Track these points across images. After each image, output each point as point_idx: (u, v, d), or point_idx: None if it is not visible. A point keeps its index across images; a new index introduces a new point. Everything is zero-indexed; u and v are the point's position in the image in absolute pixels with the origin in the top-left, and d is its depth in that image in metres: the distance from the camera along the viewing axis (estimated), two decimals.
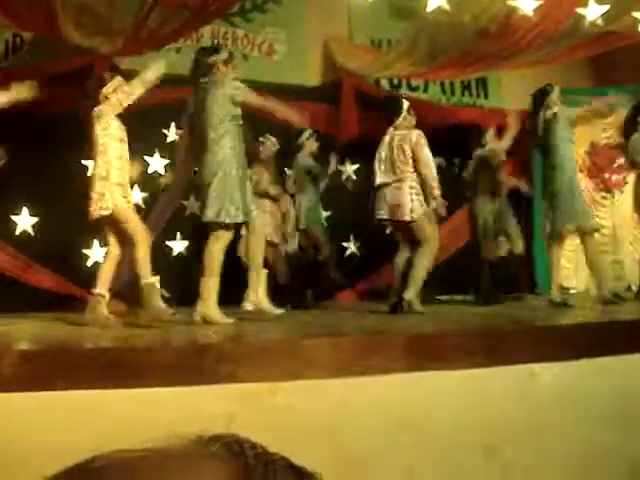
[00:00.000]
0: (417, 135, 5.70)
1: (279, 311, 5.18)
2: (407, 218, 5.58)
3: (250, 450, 0.68)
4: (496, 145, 7.51)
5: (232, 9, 8.27)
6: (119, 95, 4.97)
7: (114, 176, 4.94)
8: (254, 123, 7.52)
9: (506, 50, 7.52)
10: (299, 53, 9.01)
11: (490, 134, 7.71)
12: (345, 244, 8.82)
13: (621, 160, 9.42)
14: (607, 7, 6.92)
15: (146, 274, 4.78)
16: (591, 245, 6.22)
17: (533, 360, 3.80)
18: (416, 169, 5.66)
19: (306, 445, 3.00)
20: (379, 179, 5.75)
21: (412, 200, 5.58)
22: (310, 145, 7.59)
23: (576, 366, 3.92)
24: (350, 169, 8.65)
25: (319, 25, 9.06)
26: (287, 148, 7.66)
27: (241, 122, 5.01)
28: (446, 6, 6.38)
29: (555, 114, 6.28)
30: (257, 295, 5.18)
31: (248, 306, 5.19)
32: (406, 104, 5.94)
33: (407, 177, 5.63)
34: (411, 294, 5.49)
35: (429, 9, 6.46)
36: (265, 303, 5.28)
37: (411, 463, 3.43)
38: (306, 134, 7.63)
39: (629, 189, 9.60)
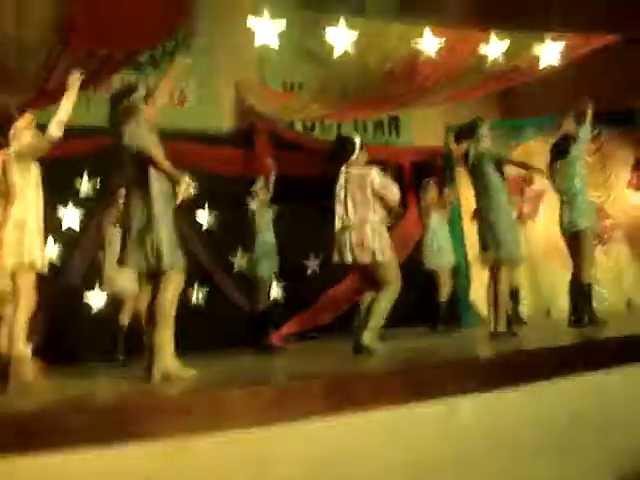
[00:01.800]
0: (377, 175, 5.58)
1: (192, 372, 4.50)
2: (368, 260, 5.43)
3: None
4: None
5: (141, 57, 8.24)
6: (37, 139, 4.80)
7: (33, 224, 4.67)
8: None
9: (413, 90, 7.71)
10: (211, 99, 9.03)
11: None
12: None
13: (531, 191, 9.73)
14: (507, 43, 7.17)
15: (21, 342, 4.50)
16: (503, 276, 6.26)
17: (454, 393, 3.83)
18: (376, 209, 5.54)
19: None
20: (339, 222, 5.58)
21: (375, 241, 5.46)
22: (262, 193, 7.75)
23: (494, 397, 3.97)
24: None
25: (230, 70, 9.12)
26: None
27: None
28: (352, 50, 6.50)
29: (484, 151, 6.29)
30: (166, 358, 4.45)
31: (156, 375, 4.39)
32: (358, 141, 5.78)
33: (369, 218, 5.50)
34: (369, 339, 5.33)
35: (336, 54, 6.57)
36: (176, 366, 4.50)
37: None
38: (259, 183, 7.75)
39: (542, 218, 9.93)
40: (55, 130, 4.70)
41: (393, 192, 5.63)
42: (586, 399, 4.26)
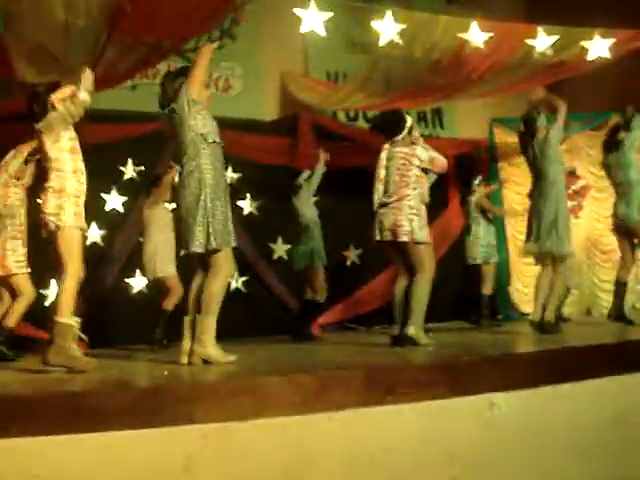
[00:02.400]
0: (423, 151, 5.51)
1: (233, 358, 4.49)
2: (405, 239, 5.33)
3: None
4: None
5: (187, 45, 8.29)
6: (69, 105, 4.65)
7: (71, 188, 4.61)
8: None
9: (459, 82, 7.65)
10: (255, 88, 9.06)
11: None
12: None
13: (576, 186, 9.60)
14: (555, 37, 7.08)
15: (67, 311, 4.36)
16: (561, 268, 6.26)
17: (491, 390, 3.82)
18: (417, 188, 5.45)
19: None
20: (378, 200, 5.50)
21: (411, 220, 5.35)
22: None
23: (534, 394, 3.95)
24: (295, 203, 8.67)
25: (275, 59, 9.15)
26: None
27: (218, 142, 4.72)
28: (398, 40, 6.47)
29: (546, 136, 6.35)
30: (208, 344, 4.44)
31: (195, 359, 4.43)
32: (410, 121, 5.67)
33: (407, 197, 5.41)
34: (413, 329, 5.22)
35: (382, 43, 6.54)
36: (218, 351, 4.48)
37: None
38: (304, 175, 7.74)
39: (585, 215, 9.80)
40: (84, 95, 4.69)
41: (440, 162, 5.57)
42: (627, 400, 4.21)
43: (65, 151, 4.67)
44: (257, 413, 3.24)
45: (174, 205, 6.01)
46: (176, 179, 5.59)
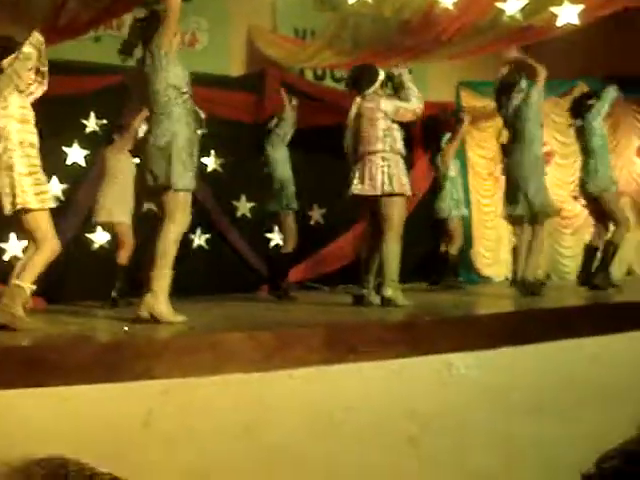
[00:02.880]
0: (387, 102, 5.45)
1: (181, 318, 4.28)
2: (376, 192, 5.29)
3: (75, 472, 0.66)
4: None
5: None
6: (15, 65, 4.37)
7: (20, 166, 4.29)
8: None
9: (428, 43, 7.59)
10: (222, 42, 8.91)
11: None
12: (269, 235, 8.80)
13: None
14: (525, 1, 7.05)
15: (29, 280, 4.26)
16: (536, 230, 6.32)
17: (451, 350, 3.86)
18: (389, 140, 5.39)
19: (222, 442, 3.00)
20: (351, 155, 5.48)
21: (383, 173, 5.31)
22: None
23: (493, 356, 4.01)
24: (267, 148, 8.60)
25: (242, 15, 8.99)
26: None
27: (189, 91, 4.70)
28: None
29: (526, 98, 6.41)
30: (157, 300, 4.28)
31: (143, 312, 4.28)
32: (382, 76, 5.61)
33: (378, 151, 5.36)
34: (390, 290, 5.15)
35: (351, 1, 6.46)
36: (167, 309, 4.32)
37: (334, 457, 3.44)
38: (274, 121, 7.68)
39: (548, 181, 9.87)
40: (29, 49, 4.48)
41: (404, 110, 5.48)
42: (588, 363, 4.29)
43: (13, 119, 4.35)
44: (217, 369, 3.24)
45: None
46: (142, 127, 5.49)
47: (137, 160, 5.81)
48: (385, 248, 5.27)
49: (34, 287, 4.37)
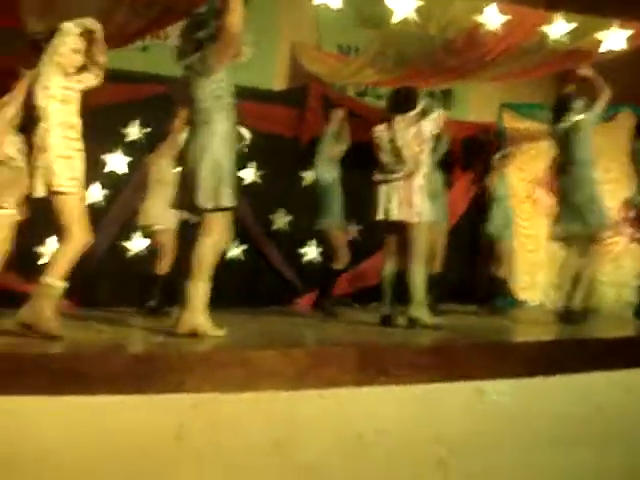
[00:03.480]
0: (429, 123, 5.45)
1: (221, 332, 4.25)
2: (414, 219, 5.26)
3: None
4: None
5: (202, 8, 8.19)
6: (54, 41, 4.29)
7: (58, 147, 4.19)
8: None
9: (472, 63, 7.56)
10: (266, 56, 8.95)
11: None
12: (305, 249, 8.80)
13: None
14: (572, 25, 7.01)
15: (56, 275, 4.07)
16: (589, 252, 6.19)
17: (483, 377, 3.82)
18: (423, 166, 5.38)
19: (252, 459, 3.00)
20: (385, 176, 5.43)
21: (421, 199, 5.30)
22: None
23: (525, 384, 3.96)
24: (312, 174, 8.62)
25: (287, 29, 9.05)
26: None
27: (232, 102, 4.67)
28: (414, 17, 6.40)
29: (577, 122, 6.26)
30: (195, 315, 4.22)
31: (182, 329, 4.20)
32: (423, 102, 5.59)
33: (416, 173, 5.35)
34: (417, 309, 5.16)
35: (396, 19, 6.47)
36: (206, 323, 4.26)
37: (363, 478, 3.43)
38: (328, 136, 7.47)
39: None
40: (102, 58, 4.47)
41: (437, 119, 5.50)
42: (620, 395, 4.22)
43: (54, 100, 4.25)
44: (249, 386, 3.24)
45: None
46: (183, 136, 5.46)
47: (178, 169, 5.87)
48: (412, 270, 5.25)
49: (65, 285, 4.14)
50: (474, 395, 3.81)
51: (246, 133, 4.67)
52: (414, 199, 5.29)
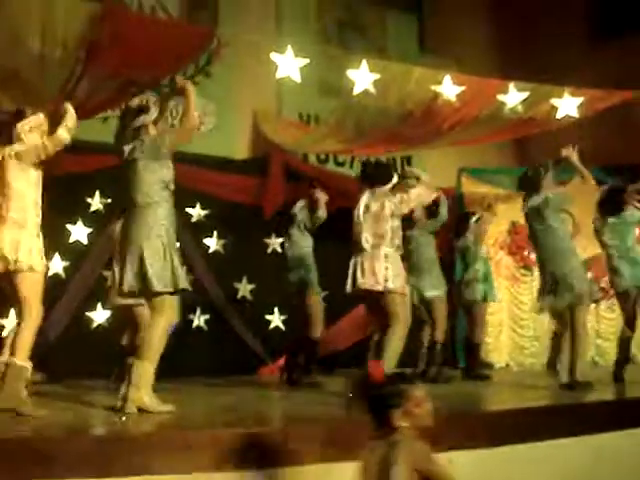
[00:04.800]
0: (392, 198, 5.52)
1: (168, 408, 4.32)
2: (379, 288, 5.30)
3: None
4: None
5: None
6: (45, 141, 4.50)
7: (32, 226, 4.41)
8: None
9: (430, 132, 7.74)
10: (228, 125, 9.08)
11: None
12: (269, 317, 8.77)
13: None
14: (526, 94, 7.21)
15: (24, 355, 4.23)
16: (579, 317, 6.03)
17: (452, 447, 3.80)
18: (392, 238, 5.45)
19: None
20: (356, 247, 5.48)
21: (387, 269, 5.33)
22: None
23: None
24: (276, 242, 8.66)
25: (248, 98, 9.19)
26: None
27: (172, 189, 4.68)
28: (372, 90, 6.53)
29: (547, 198, 6.14)
30: (140, 393, 4.28)
31: (130, 408, 4.25)
32: (395, 179, 5.68)
33: (382, 244, 5.41)
34: None
35: (355, 92, 6.60)
36: (151, 401, 4.33)
37: None
38: (299, 204, 7.44)
39: None
40: (65, 133, 4.55)
41: (413, 200, 5.60)
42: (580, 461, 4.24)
43: (31, 184, 4.50)
44: (216, 467, 3.19)
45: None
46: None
47: None
48: (386, 342, 5.30)
49: (31, 364, 4.32)
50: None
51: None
52: (377, 268, 5.34)
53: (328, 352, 8.71)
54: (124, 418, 4.06)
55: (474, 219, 8.34)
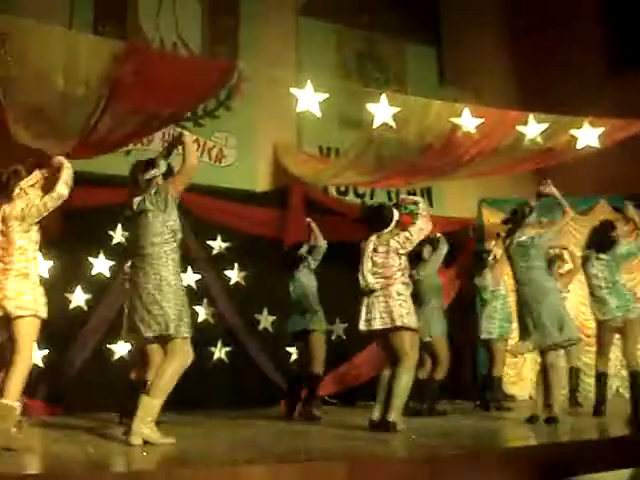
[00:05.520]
0: (396, 238, 5.57)
1: (170, 440, 4.51)
2: (397, 323, 5.36)
3: None
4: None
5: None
6: (46, 199, 4.67)
7: (35, 275, 4.67)
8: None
9: (449, 164, 7.77)
10: (248, 159, 9.16)
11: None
12: (290, 349, 8.76)
13: (562, 270, 9.62)
14: (546, 125, 7.22)
15: (14, 396, 4.41)
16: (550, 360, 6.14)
17: None
18: (401, 276, 5.52)
19: None
20: (365, 286, 5.53)
21: (400, 306, 5.41)
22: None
23: None
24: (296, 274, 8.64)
25: (269, 132, 9.28)
26: None
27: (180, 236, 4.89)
28: (392, 123, 6.57)
29: (532, 238, 6.18)
30: (143, 426, 4.48)
31: (135, 440, 4.45)
32: (396, 215, 5.74)
33: (394, 283, 5.48)
34: (394, 416, 5.27)
35: (375, 125, 6.64)
36: (153, 434, 4.51)
37: None
38: (305, 247, 7.48)
39: (571, 297, 9.81)
40: (63, 189, 4.71)
41: (416, 232, 5.60)
42: None
43: (33, 241, 4.72)
44: None
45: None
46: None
47: None
48: (398, 377, 5.39)
49: (20, 404, 4.49)
50: None
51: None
52: (393, 307, 5.43)
53: (347, 386, 8.73)
54: (145, 453, 4.07)
55: (491, 257, 8.37)
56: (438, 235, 7.46)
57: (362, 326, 5.58)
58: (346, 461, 3.62)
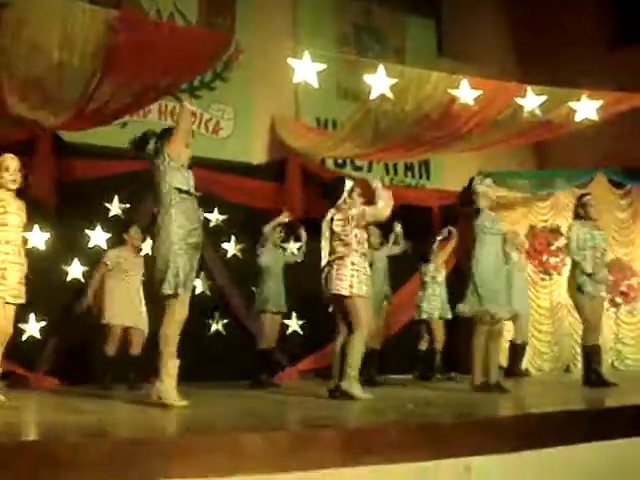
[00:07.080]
0: (354, 211, 5.69)
1: (183, 403, 4.71)
2: (344, 292, 5.53)
3: None
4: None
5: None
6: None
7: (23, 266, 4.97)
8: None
9: (447, 136, 7.73)
10: (245, 131, 9.12)
11: None
12: (287, 322, 8.77)
13: (559, 243, 9.64)
14: (544, 98, 7.18)
15: None
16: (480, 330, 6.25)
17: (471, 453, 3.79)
18: (359, 248, 5.63)
19: None
20: (324, 259, 5.71)
21: (352, 276, 5.56)
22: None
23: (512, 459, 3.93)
24: (294, 246, 8.65)
25: (266, 103, 9.23)
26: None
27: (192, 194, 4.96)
28: (389, 94, 6.52)
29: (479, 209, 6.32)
30: (165, 384, 4.75)
31: (152, 396, 4.75)
32: (349, 185, 5.85)
33: (350, 254, 5.60)
34: (347, 383, 5.45)
35: (372, 97, 6.59)
36: (170, 395, 4.74)
37: None
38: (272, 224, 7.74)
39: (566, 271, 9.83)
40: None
41: (373, 213, 5.70)
42: (601, 468, 4.19)
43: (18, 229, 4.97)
44: (234, 470, 3.19)
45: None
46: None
47: None
48: (350, 345, 5.52)
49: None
50: (462, 472, 3.78)
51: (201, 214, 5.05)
52: (345, 274, 5.57)
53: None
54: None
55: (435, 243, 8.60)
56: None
57: (324, 295, 5.76)
58: (339, 428, 3.64)
